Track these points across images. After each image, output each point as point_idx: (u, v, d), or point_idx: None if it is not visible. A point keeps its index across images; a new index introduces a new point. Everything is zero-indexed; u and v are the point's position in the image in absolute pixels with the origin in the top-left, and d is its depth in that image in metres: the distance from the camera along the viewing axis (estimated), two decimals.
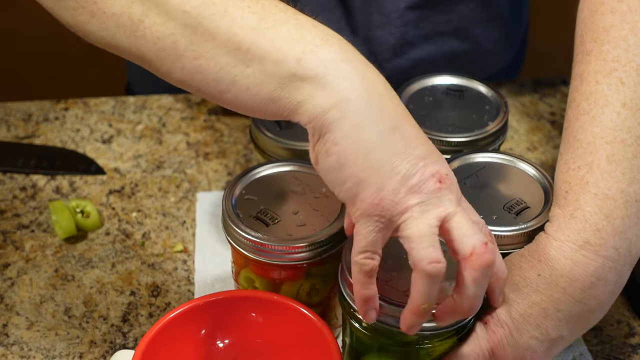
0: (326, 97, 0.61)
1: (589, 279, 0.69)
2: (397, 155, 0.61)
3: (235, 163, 1.01)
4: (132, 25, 0.64)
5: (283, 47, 0.62)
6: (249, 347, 0.73)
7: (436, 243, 0.61)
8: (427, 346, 0.68)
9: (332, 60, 0.61)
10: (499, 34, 1.05)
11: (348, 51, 0.63)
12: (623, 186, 0.70)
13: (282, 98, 0.62)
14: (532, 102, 1.10)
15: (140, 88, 1.20)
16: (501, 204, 0.77)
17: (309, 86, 0.61)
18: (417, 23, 1.00)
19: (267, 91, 0.62)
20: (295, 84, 0.61)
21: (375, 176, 0.61)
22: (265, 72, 0.62)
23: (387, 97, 0.63)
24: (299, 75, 0.61)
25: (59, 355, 0.81)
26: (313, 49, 0.62)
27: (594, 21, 0.75)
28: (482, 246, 0.62)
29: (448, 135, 0.85)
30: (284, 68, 0.61)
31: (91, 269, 0.89)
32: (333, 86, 0.61)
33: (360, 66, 0.62)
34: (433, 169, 0.62)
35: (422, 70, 0.96)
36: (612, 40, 0.73)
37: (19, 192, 0.97)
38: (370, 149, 0.61)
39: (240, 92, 0.63)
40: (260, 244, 0.72)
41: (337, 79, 0.61)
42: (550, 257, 0.70)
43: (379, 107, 0.62)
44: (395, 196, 0.61)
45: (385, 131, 0.61)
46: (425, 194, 0.61)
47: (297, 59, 0.61)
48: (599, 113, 0.72)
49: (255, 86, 0.62)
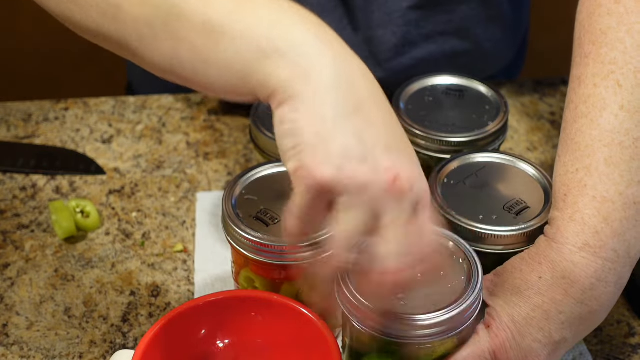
0: (291, 69, 0.60)
1: (589, 280, 0.69)
2: (352, 135, 0.59)
3: (235, 163, 1.01)
4: (112, 14, 0.64)
5: (257, 27, 0.61)
6: (249, 347, 0.73)
7: (352, 246, 0.60)
8: (427, 347, 0.68)
9: (306, 38, 0.60)
10: (499, 34, 1.05)
11: (325, 32, 0.62)
12: (621, 189, 0.70)
13: (251, 75, 0.61)
14: (532, 102, 1.10)
15: (141, 88, 1.20)
16: (501, 204, 0.77)
17: (277, 61, 0.60)
18: (419, 22, 1.00)
19: (239, 69, 0.61)
20: (264, 60, 0.60)
21: (323, 148, 0.58)
22: (238, 51, 0.61)
23: (359, 78, 0.61)
24: (269, 52, 0.60)
25: (59, 355, 0.81)
26: (289, 28, 0.61)
27: (591, 23, 0.75)
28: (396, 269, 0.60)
29: (448, 135, 0.85)
30: (254, 45, 0.60)
31: (91, 269, 0.89)
32: (300, 61, 0.60)
33: (334, 46, 0.61)
34: (389, 162, 0.59)
35: (423, 70, 0.96)
36: (609, 43, 0.73)
37: (19, 192, 0.97)
38: (326, 120, 0.59)
39: (212, 72, 0.62)
40: (260, 244, 0.72)
41: (307, 54, 0.60)
42: (550, 260, 0.70)
43: (346, 85, 0.60)
44: (336, 176, 0.58)
45: (346, 108, 0.59)
46: (368, 184, 0.58)
47: (267, 37, 0.60)
48: (597, 116, 0.72)
49: (227, 66, 0.61)
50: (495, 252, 0.74)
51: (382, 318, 0.66)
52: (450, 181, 0.79)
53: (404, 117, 0.87)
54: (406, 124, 0.86)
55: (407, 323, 0.66)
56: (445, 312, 0.67)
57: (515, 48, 1.12)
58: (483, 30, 1.03)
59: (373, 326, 0.67)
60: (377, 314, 0.66)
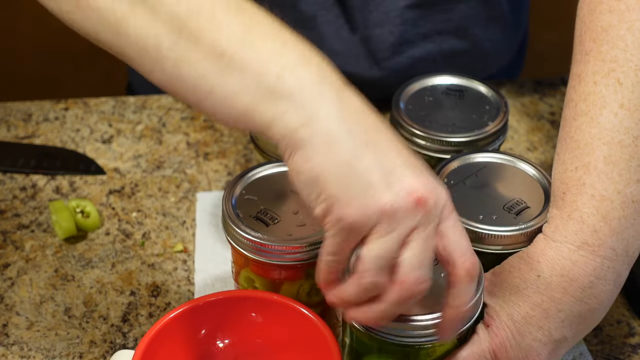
0: (297, 115, 0.60)
1: (588, 278, 0.69)
2: (369, 169, 0.60)
3: (235, 163, 1.01)
4: (115, 22, 0.64)
5: (265, 61, 0.61)
6: (249, 347, 0.73)
7: (384, 268, 0.61)
8: (427, 347, 0.68)
9: (309, 80, 0.61)
10: (499, 34, 1.05)
11: (325, 72, 0.62)
12: (620, 187, 0.70)
13: (257, 113, 0.61)
14: (532, 102, 1.10)
15: (142, 87, 1.20)
16: (501, 204, 0.77)
17: (283, 104, 0.61)
18: (417, 22, 1.00)
19: (244, 104, 0.61)
20: (271, 100, 0.61)
21: (345, 192, 0.60)
22: (244, 84, 0.61)
23: (363, 114, 0.62)
24: (277, 92, 0.61)
25: (59, 355, 0.81)
26: (292, 68, 0.61)
27: (592, 20, 0.75)
28: (413, 282, 0.61)
29: (448, 135, 0.85)
30: (263, 83, 0.61)
31: (91, 269, 0.89)
32: (305, 105, 0.60)
33: (335, 85, 0.62)
34: (409, 185, 0.60)
35: (421, 69, 0.96)
36: (610, 40, 0.73)
37: (19, 192, 0.97)
38: (340, 164, 0.60)
39: (217, 102, 0.62)
40: (260, 244, 0.72)
41: (310, 98, 0.61)
42: (549, 258, 0.70)
43: (351, 124, 0.61)
44: (364, 213, 0.60)
45: (357, 147, 0.60)
46: (396, 211, 0.60)
47: (277, 75, 0.61)
48: (597, 114, 0.72)
49: (232, 98, 0.62)
50: (495, 252, 0.74)
51: None
52: (450, 181, 0.79)
53: (404, 117, 0.87)
54: (406, 124, 0.86)
55: (408, 323, 0.66)
56: None
57: (514, 48, 1.12)
58: (482, 30, 1.03)
59: (373, 326, 0.67)
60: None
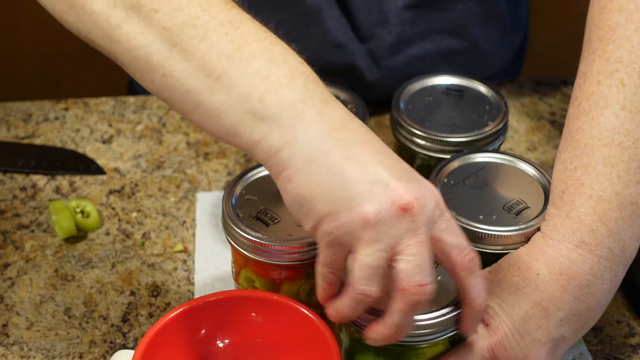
0: (278, 136, 0.62)
1: (585, 277, 0.69)
2: (352, 184, 0.61)
3: (235, 163, 1.01)
4: (109, 28, 0.65)
5: (250, 82, 0.62)
6: (249, 346, 0.74)
7: (374, 277, 0.61)
8: (422, 347, 0.68)
9: (292, 100, 0.62)
10: (497, 33, 1.05)
11: (309, 89, 0.63)
12: (618, 189, 0.70)
13: (241, 134, 0.63)
14: (532, 102, 1.10)
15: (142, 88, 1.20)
16: (501, 204, 0.77)
17: (265, 126, 0.62)
18: (415, 21, 1.00)
19: (229, 123, 0.63)
20: (254, 122, 0.62)
21: (329, 207, 0.61)
22: (229, 104, 0.62)
23: (345, 129, 0.62)
24: (259, 115, 0.62)
25: (59, 355, 0.81)
26: (276, 89, 0.62)
27: (601, 19, 0.75)
28: (414, 287, 0.61)
29: (448, 135, 0.85)
30: (247, 105, 0.62)
31: (91, 269, 0.89)
32: (286, 126, 0.61)
33: (317, 104, 0.62)
34: (393, 194, 0.60)
35: (420, 68, 0.96)
36: (616, 40, 0.73)
37: (19, 192, 0.97)
38: (323, 181, 0.61)
39: (203, 117, 0.64)
40: (260, 244, 0.72)
41: (292, 119, 0.61)
42: (547, 257, 0.70)
43: (332, 140, 0.61)
44: (350, 226, 0.61)
45: (338, 162, 0.61)
46: (380, 221, 0.60)
47: (259, 97, 0.62)
48: (598, 114, 0.72)
49: (217, 115, 0.63)
50: (495, 252, 0.74)
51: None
52: (450, 181, 0.79)
53: (404, 117, 0.87)
54: (406, 124, 0.86)
55: None
56: (445, 312, 0.67)
57: (513, 48, 1.12)
58: (480, 29, 1.04)
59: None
60: None
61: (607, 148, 0.71)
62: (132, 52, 0.64)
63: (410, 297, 0.61)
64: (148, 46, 0.63)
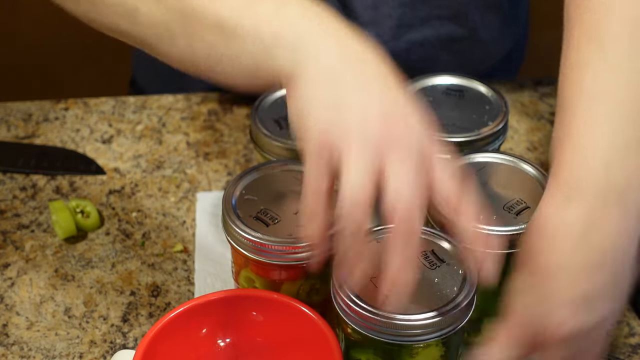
0: (295, 58, 0.65)
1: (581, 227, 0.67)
2: (345, 92, 0.63)
3: (235, 163, 1.01)
4: (129, 14, 0.69)
5: (263, 24, 0.66)
6: (250, 346, 0.74)
7: (362, 206, 0.61)
8: (418, 347, 0.68)
9: (308, 29, 0.65)
10: (497, 22, 1.06)
11: (327, 19, 0.66)
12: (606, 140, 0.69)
13: (260, 69, 0.66)
14: (532, 102, 1.10)
15: (144, 84, 1.20)
16: (501, 204, 0.77)
17: (282, 54, 0.65)
18: (415, 5, 1.01)
19: (248, 64, 0.66)
20: (270, 55, 0.65)
21: (320, 115, 0.63)
22: (246, 48, 0.66)
23: (363, 55, 0.65)
24: (274, 48, 0.65)
25: (59, 355, 0.81)
26: (291, 23, 0.65)
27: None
28: (404, 204, 0.61)
29: (448, 135, 0.85)
30: (261, 43, 0.65)
31: (91, 269, 0.89)
32: (305, 48, 0.65)
33: (337, 30, 0.66)
34: (381, 109, 0.63)
35: (419, 55, 0.96)
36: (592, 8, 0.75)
37: (19, 192, 0.97)
38: (326, 96, 0.63)
39: (226, 67, 0.67)
40: (260, 244, 0.72)
41: (310, 43, 0.65)
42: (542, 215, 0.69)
43: (351, 63, 0.64)
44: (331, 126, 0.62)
45: (356, 81, 0.64)
46: (366, 132, 0.62)
47: (273, 34, 0.65)
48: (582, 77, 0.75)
49: (238, 62, 0.66)
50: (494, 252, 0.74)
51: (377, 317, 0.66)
52: None
53: None
54: None
55: (401, 323, 0.66)
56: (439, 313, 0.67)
57: (512, 40, 1.13)
58: (480, 17, 1.04)
59: (367, 327, 0.67)
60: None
61: (588, 106, 0.72)
62: (154, 29, 0.69)
63: (405, 216, 0.61)
64: (166, 20, 0.68)
